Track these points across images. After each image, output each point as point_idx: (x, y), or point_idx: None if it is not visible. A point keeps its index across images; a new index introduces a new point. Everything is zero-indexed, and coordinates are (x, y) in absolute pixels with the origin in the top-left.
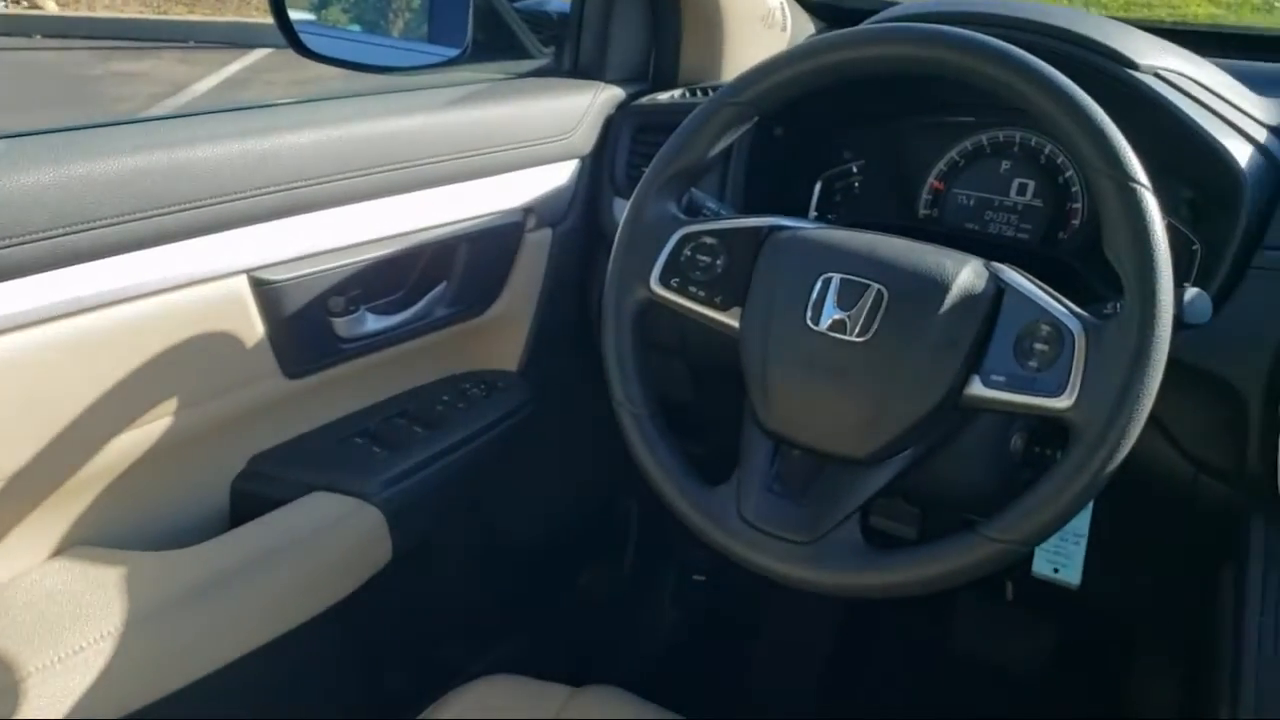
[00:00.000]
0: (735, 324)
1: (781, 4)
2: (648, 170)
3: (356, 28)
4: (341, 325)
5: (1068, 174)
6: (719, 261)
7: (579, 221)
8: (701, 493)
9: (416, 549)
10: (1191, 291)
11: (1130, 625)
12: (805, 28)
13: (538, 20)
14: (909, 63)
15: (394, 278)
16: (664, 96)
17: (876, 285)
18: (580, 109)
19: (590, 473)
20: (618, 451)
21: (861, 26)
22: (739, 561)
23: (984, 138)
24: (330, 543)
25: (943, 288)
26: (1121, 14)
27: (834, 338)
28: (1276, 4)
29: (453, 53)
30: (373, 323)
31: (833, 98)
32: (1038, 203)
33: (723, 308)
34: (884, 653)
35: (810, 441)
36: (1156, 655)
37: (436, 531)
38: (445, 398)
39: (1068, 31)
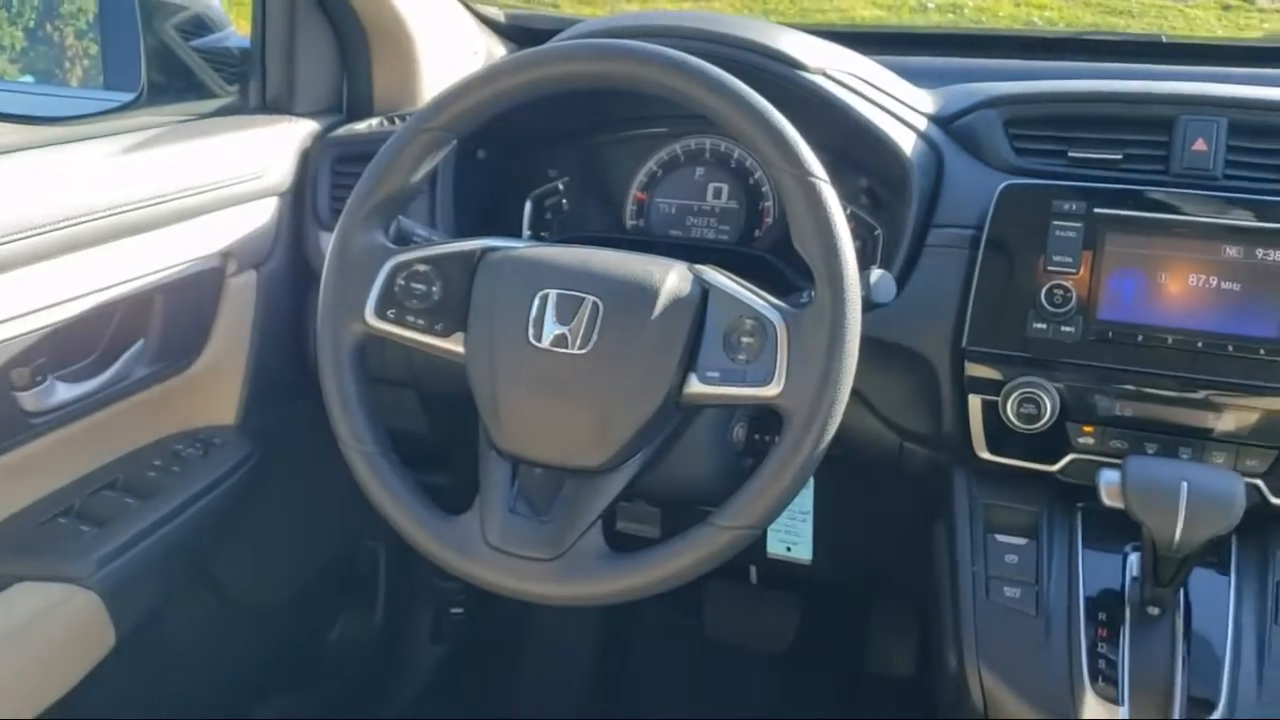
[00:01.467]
0: (459, 349)
1: (475, 26)
2: (348, 202)
3: (29, 78)
4: (28, 399)
5: (757, 175)
6: (434, 288)
7: (285, 261)
8: (443, 524)
9: (144, 629)
10: (876, 273)
11: (864, 590)
12: (497, 49)
13: (219, 58)
14: (594, 78)
15: (84, 340)
16: (361, 126)
17: (591, 298)
18: (272, 144)
19: (330, 520)
20: (356, 494)
21: (548, 45)
22: (487, 587)
23: (678, 147)
24: (41, 636)
25: (653, 294)
26: (798, 19)
27: (557, 353)
28: (929, 6)
29: (127, 97)
30: (64, 392)
31: (531, 117)
32: (733, 205)
33: (444, 334)
34: (644, 649)
35: (546, 457)
36: (891, 615)
37: (164, 607)
38: (157, 462)
39: (740, 39)
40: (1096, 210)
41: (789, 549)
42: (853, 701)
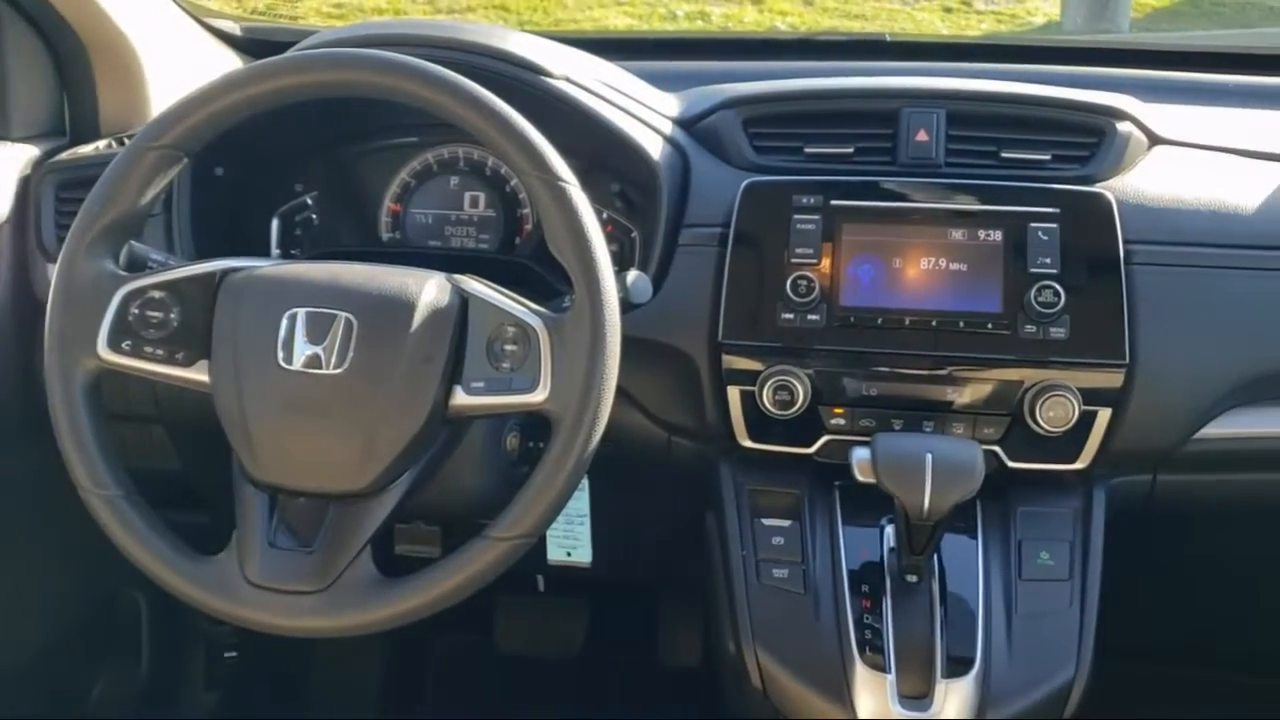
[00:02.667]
0: (204, 378)
1: (207, 39)
2: (71, 229)
3: None
4: None
5: (513, 182)
6: (172, 315)
7: (7, 296)
8: (198, 565)
9: None
10: (633, 274)
11: (649, 586)
12: (232, 63)
13: None
14: (332, 87)
15: None
16: (87, 149)
17: (344, 314)
18: None
19: (79, 569)
20: (106, 539)
21: (284, 55)
22: (253, 627)
23: (430, 156)
24: None
25: (410, 307)
26: (551, 28)
27: (311, 374)
28: (679, 14)
29: None
30: None
31: (272, 130)
32: (491, 213)
33: (186, 364)
34: (436, 670)
35: (307, 485)
36: (677, 607)
37: None
38: None
39: (481, 45)
40: (833, 202)
41: (569, 554)
42: (646, 696)
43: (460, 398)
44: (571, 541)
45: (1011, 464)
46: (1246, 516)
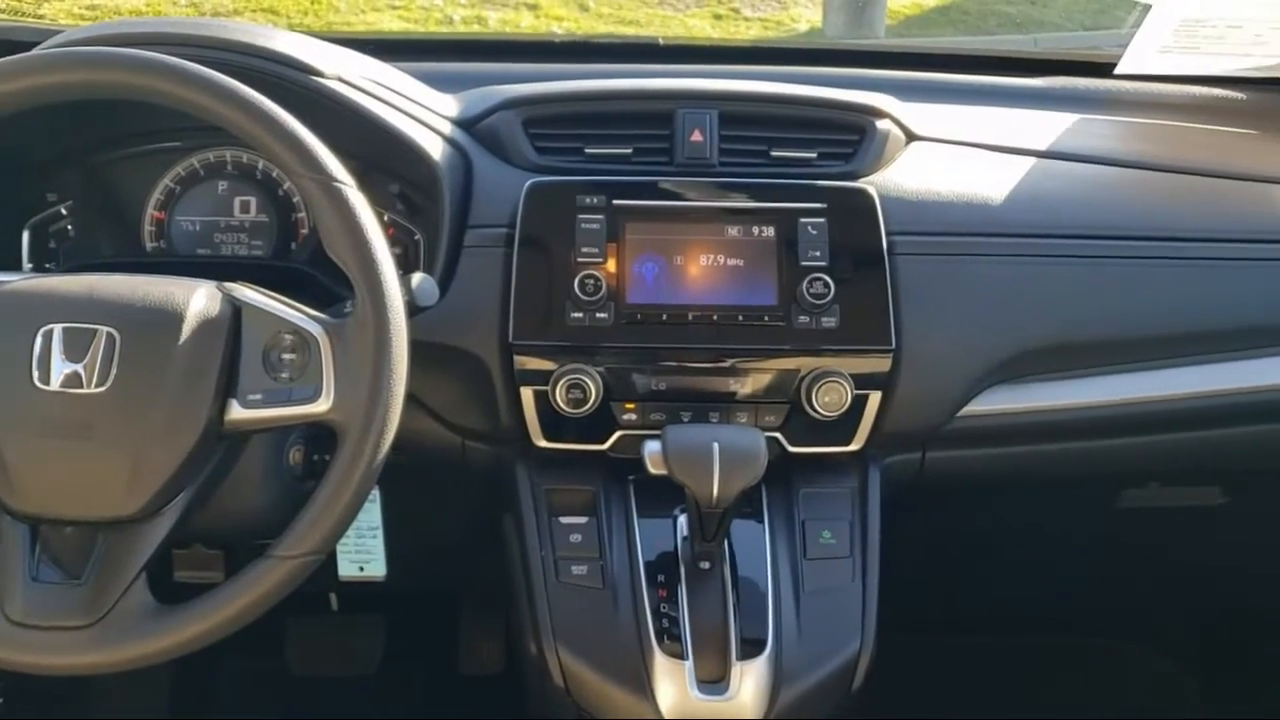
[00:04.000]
0: None
1: None
2: None
3: None
4: None
5: (286, 186)
6: None
7: None
8: None
9: None
10: (417, 277)
11: (448, 595)
12: None
13: None
14: (80, 88)
15: None
16: None
17: (105, 329)
18: None
19: None
20: None
21: (26, 54)
22: (16, 669)
23: (195, 161)
24: None
25: (177, 318)
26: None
27: (70, 394)
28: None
29: None
30: None
31: (16, 136)
32: (263, 218)
33: None
34: (227, 700)
35: (72, 513)
36: (478, 615)
37: None
38: None
39: (247, 45)
40: (615, 202)
41: (362, 568)
42: (448, 708)
43: (236, 412)
44: (364, 555)
45: (792, 449)
46: (1009, 487)
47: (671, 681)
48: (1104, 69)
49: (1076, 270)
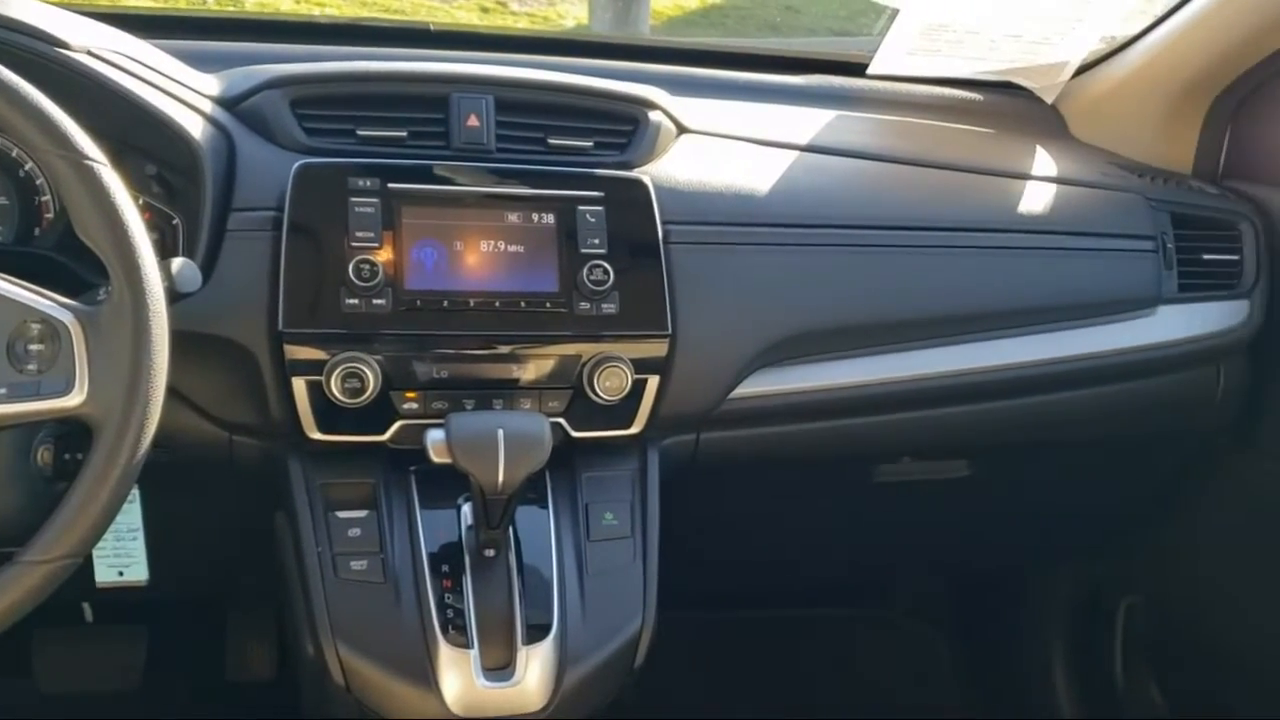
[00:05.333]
0: None
1: None
2: None
3: None
4: None
5: (28, 167)
6: None
7: None
8: None
9: None
10: (178, 262)
11: (216, 598)
12: None
13: None
14: None
15: None
16: None
17: None
18: None
19: None
20: None
21: None
22: None
23: None
24: None
25: None
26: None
27: None
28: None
29: None
30: None
31: None
32: (3, 201)
33: None
34: None
35: None
36: (247, 618)
37: None
38: None
39: None
40: (390, 186)
41: (121, 573)
42: (217, 717)
43: None
44: (124, 559)
45: (575, 433)
46: (777, 466)
47: (456, 672)
48: (858, 69)
49: (835, 259)
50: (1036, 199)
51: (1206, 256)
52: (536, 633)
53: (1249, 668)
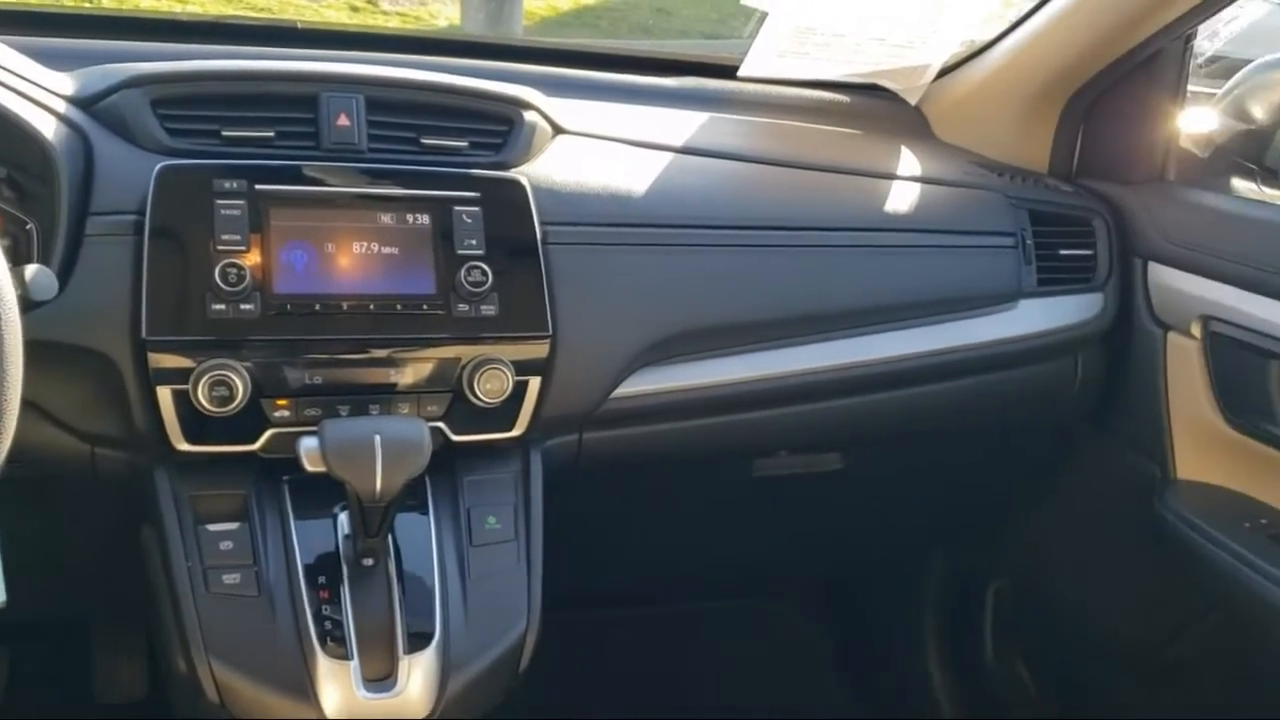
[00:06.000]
0: None
1: None
2: None
3: None
4: None
5: None
6: None
7: None
8: None
9: None
10: (32, 269)
11: (80, 618)
12: None
13: None
14: None
15: None
16: None
17: None
18: None
19: None
20: None
21: None
22: None
23: None
24: None
25: None
26: None
27: None
28: None
29: None
30: None
31: None
32: None
33: None
34: None
35: None
36: (114, 637)
37: None
38: None
39: None
40: (258, 187)
41: None
42: None
43: None
44: None
45: (455, 437)
46: (659, 464)
47: (336, 683)
48: (729, 71)
49: (712, 259)
50: (903, 198)
51: (1063, 252)
52: (418, 641)
53: (1107, 643)
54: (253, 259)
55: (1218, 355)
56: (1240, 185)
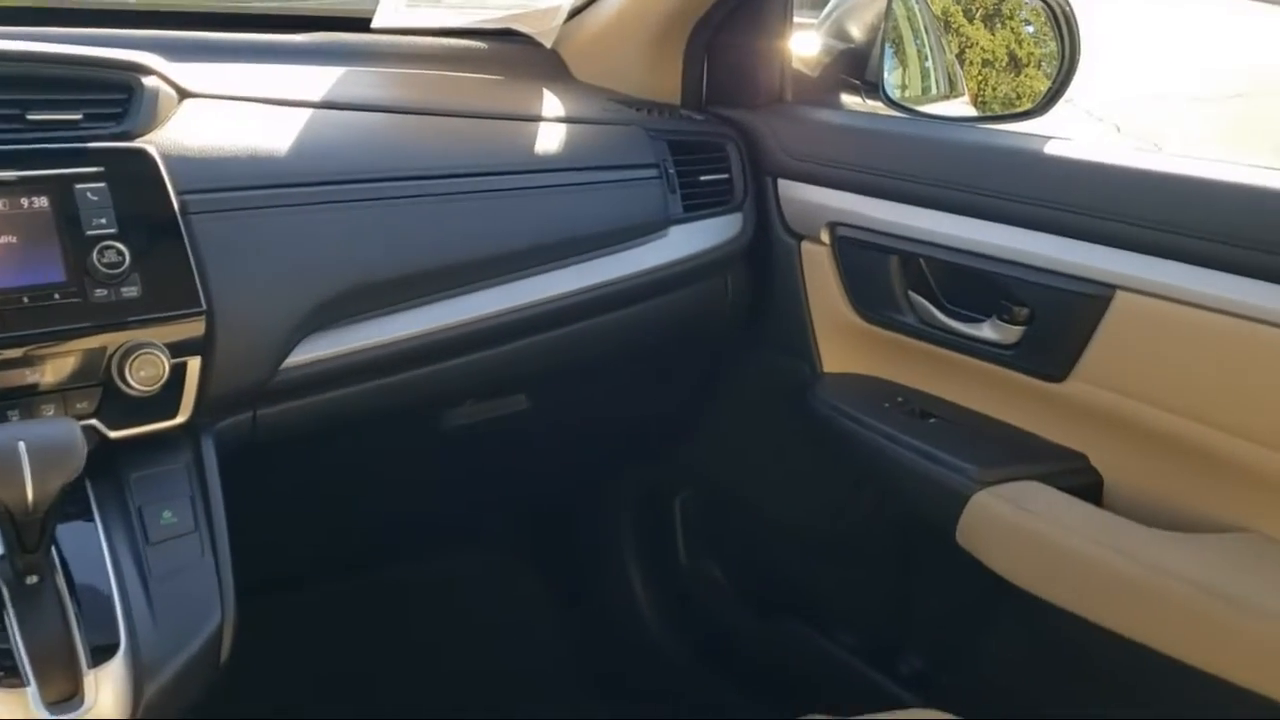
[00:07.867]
0: None
1: None
2: None
3: None
4: None
5: None
6: None
7: None
8: None
9: None
10: None
11: None
12: None
13: None
14: None
15: None
16: None
17: None
18: None
19: None
20: None
21: None
22: None
23: None
24: None
25: None
26: None
27: None
28: None
29: None
30: None
31: None
32: None
33: None
34: None
35: None
36: None
37: None
38: None
39: None
40: None
41: None
42: None
43: None
44: None
45: (113, 433)
46: (345, 431)
47: (14, 712)
48: (362, 24)
49: (366, 213)
50: (547, 139)
51: (703, 178)
52: (103, 654)
53: (782, 530)
54: None
55: (845, 257)
56: (848, 100)
